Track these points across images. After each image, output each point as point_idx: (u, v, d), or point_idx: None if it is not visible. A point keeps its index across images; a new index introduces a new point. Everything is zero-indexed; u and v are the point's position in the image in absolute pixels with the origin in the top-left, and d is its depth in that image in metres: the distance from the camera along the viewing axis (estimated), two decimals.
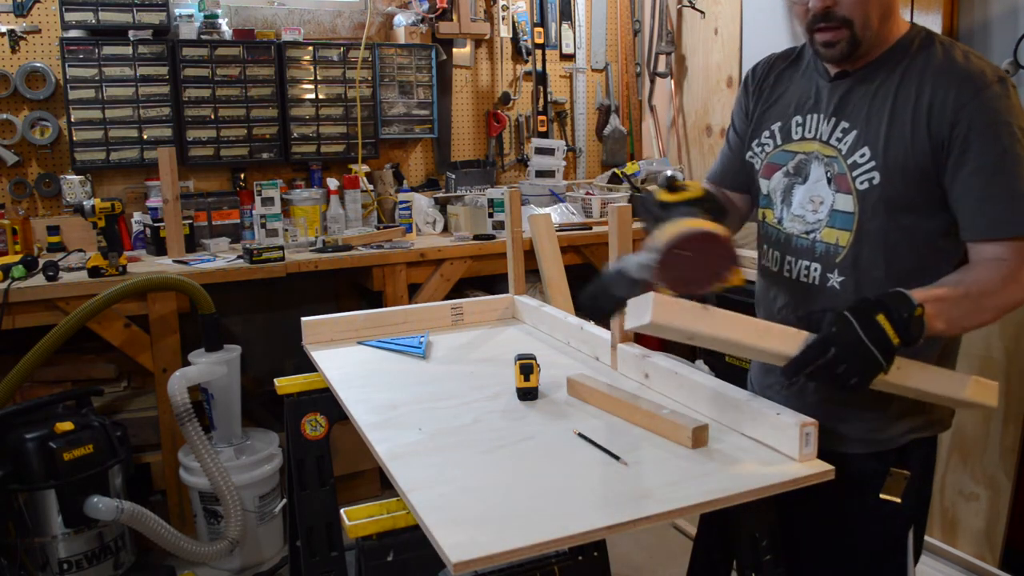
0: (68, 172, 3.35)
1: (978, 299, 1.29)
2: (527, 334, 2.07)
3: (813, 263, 1.48)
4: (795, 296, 1.52)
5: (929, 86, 1.35)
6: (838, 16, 1.36)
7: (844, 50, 1.38)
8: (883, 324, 1.20)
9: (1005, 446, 2.44)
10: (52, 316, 2.76)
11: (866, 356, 1.20)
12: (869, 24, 1.36)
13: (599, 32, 4.49)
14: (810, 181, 1.48)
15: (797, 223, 1.50)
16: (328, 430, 1.91)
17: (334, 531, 1.93)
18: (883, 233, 1.39)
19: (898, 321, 1.21)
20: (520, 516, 1.14)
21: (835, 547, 1.52)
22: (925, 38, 1.40)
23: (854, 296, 1.42)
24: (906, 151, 1.35)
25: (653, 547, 2.95)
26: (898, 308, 1.22)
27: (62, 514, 2.55)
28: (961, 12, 2.81)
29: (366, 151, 3.82)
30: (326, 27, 3.83)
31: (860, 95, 1.42)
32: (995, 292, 1.30)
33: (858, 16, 1.35)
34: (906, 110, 1.36)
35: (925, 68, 1.36)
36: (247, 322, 3.75)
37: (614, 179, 4.12)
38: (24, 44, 3.29)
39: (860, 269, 1.42)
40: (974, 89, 1.31)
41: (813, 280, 1.48)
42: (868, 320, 1.21)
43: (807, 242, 1.49)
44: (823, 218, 1.45)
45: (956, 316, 1.29)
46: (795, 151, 1.50)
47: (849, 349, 1.20)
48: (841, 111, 1.44)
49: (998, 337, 2.45)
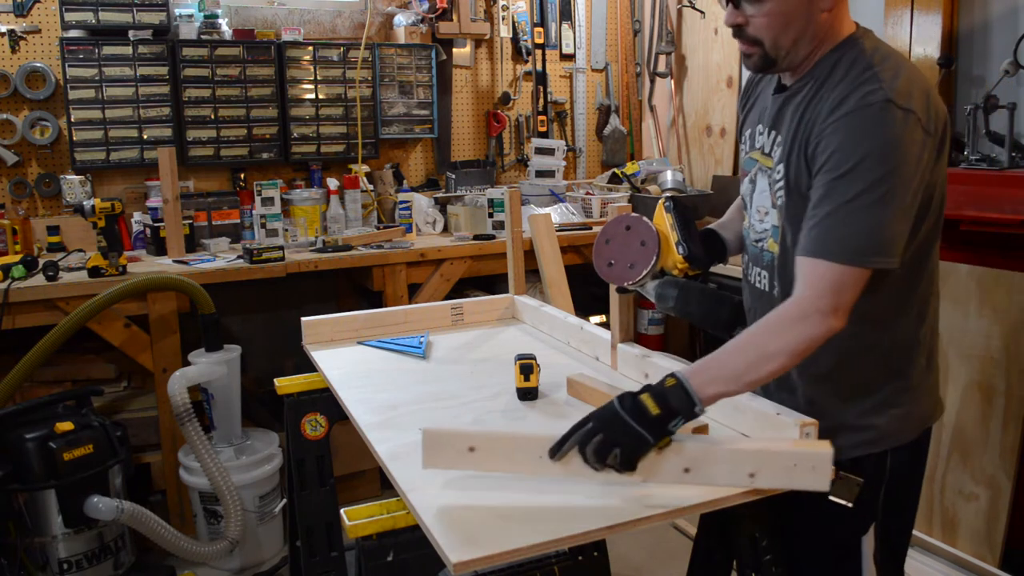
0: (68, 172, 3.35)
1: (762, 347, 1.25)
2: (527, 334, 2.07)
3: (763, 270, 1.51)
4: (756, 301, 1.54)
5: (824, 104, 1.33)
6: (748, 36, 1.38)
7: (758, 64, 1.41)
8: (643, 399, 1.23)
9: (1005, 446, 2.44)
10: (52, 316, 2.76)
11: (623, 427, 1.20)
12: (779, 45, 1.37)
13: (599, 32, 4.49)
14: (758, 191, 1.50)
15: (752, 232, 1.54)
16: (328, 430, 1.91)
17: (334, 531, 1.93)
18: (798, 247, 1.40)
19: (657, 395, 1.23)
20: (520, 516, 1.14)
21: (793, 547, 1.51)
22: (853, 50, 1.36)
23: None
24: (796, 170, 1.36)
25: (653, 547, 2.95)
26: (659, 384, 1.25)
27: (62, 514, 2.55)
28: (961, 12, 2.81)
29: (366, 151, 3.82)
30: (326, 27, 3.83)
31: (790, 110, 1.42)
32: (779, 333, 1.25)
33: (766, 37, 1.37)
34: (806, 126, 1.35)
35: (834, 83, 1.34)
36: (247, 322, 3.75)
37: (614, 179, 4.12)
38: (24, 44, 3.29)
39: (787, 281, 1.43)
40: (844, 110, 1.28)
41: (764, 287, 1.51)
42: (630, 397, 1.24)
43: (757, 250, 1.52)
44: (768, 228, 1.48)
45: (736, 372, 1.25)
46: (754, 159, 1.52)
47: (604, 421, 1.23)
48: (777, 125, 1.44)
49: (998, 337, 2.45)
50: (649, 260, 1.46)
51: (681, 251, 1.47)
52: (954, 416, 2.57)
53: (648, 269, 1.47)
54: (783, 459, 1.17)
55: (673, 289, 1.46)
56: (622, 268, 1.50)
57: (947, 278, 2.57)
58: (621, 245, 1.51)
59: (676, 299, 1.45)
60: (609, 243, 1.53)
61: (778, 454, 1.18)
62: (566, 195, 4.02)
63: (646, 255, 1.47)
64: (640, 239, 1.48)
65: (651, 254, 1.46)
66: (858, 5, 3.05)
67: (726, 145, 4.03)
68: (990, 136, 2.56)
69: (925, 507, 2.64)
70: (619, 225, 1.51)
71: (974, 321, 2.51)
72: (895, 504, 1.49)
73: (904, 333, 1.42)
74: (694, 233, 1.50)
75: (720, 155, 4.07)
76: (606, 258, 1.53)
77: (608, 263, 1.53)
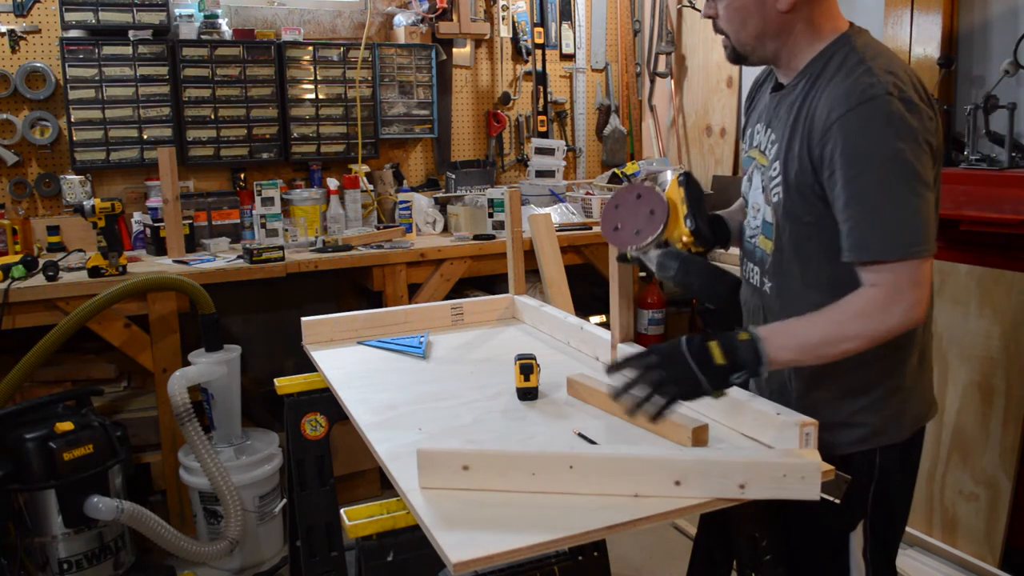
0: (68, 172, 3.35)
1: (841, 325, 1.27)
2: (527, 334, 2.07)
3: (755, 267, 1.54)
4: (750, 297, 1.57)
5: (820, 101, 1.34)
6: (719, 27, 1.47)
7: (730, 55, 1.48)
8: (711, 346, 1.26)
9: (1005, 446, 2.44)
10: (52, 316, 2.76)
11: (684, 367, 1.25)
12: (741, 39, 1.43)
13: (599, 32, 4.49)
14: (753, 188, 1.53)
15: (747, 228, 1.57)
16: (328, 430, 1.91)
17: (334, 531, 1.93)
18: (794, 245, 1.42)
19: (726, 346, 1.26)
20: (520, 516, 1.14)
21: (787, 542, 1.52)
22: (845, 47, 1.37)
23: (779, 302, 1.47)
24: (799, 167, 1.37)
25: (653, 547, 2.95)
26: (730, 335, 1.27)
27: (62, 514, 2.54)
28: (961, 12, 2.81)
29: (366, 151, 3.82)
30: (326, 27, 3.83)
31: (785, 108, 1.44)
32: (860, 317, 1.27)
33: (729, 31, 1.45)
34: (801, 124, 1.36)
35: (828, 80, 1.35)
36: (247, 322, 3.75)
37: (614, 179, 4.12)
38: (24, 44, 3.29)
39: (782, 277, 1.46)
40: (847, 106, 1.28)
41: (756, 283, 1.53)
42: (698, 340, 1.27)
43: (751, 246, 1.55)
44: (759, 225, 1.50)
45: (810, 344, 1.28)
46: (753, 157, 1.55)
47: (666, 357, 1.27)
48: (773, 123, 1.46)
49: (998, 337, 2.45)
50: (656, 228, 1.46)
51: (689, 224, 1.46)
52: (954, 416, 2.57)
53: (653, 237, 1.46)
54: (773, 470, 1.18)
55: (675, 261, 1.46)
56: (628, 234, 1.50)
57: (947, 278, 2.57)
58: (630, 212, 1.50)
59: (677, 270, 1.45)
60: (619, 208, 1.52)
61: (768, 465, 1.18)
62: (566, 195, 4.02)
63: (654, 223, 1.47)
64: (650, 208, 1.48)
65: (659, 223, 1.46)
66: (858, 5, 3.06)
67: (726, 145, 4.03)
68: (990, 136, 2.55)
69: (925, 507, 2.64)
70: (631, 192, 1.51)
71: (974, 321, 2.51)
72: (885, 502, 1.49)
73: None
74: (704, 211, 1.50)
75: (720, 155, 4.08)
76: (613, 222, 1.53)
77: (614, 227, 1.52)
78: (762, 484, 1.18)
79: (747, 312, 1.60)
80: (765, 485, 1.18)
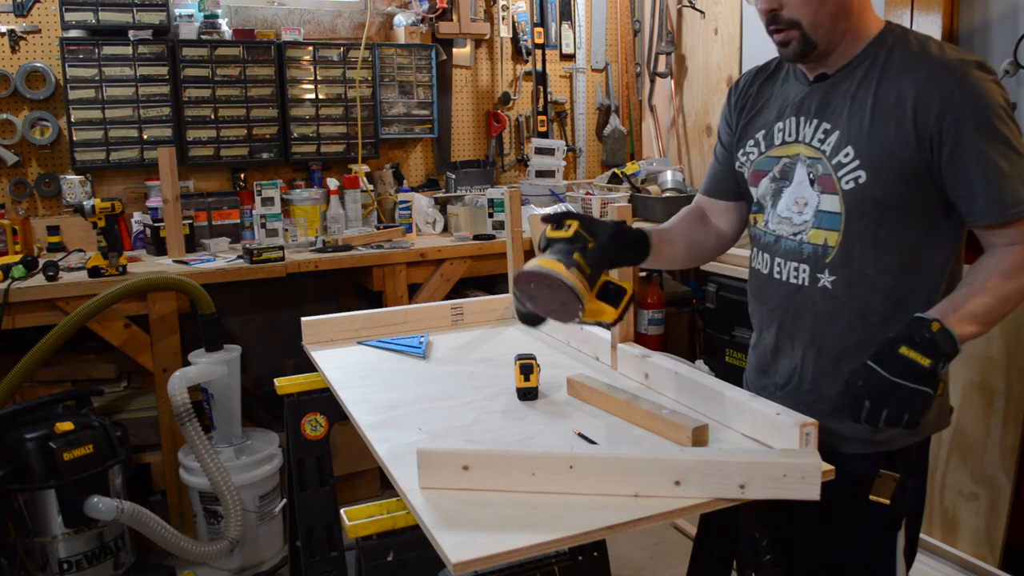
0: (68, 172, 3.35)
1: (999, 288, 1.30)
2: (527, 334, 2.07)
3: (801, 264, 1.49)
4: (786, 297, 1.52)
5: (910, 81, 1.35)
6: (784, 19, 1.39)
7: (797, 49, 1.41)
8: (907, 354, 1.22)
9: (1005, 446, 2.44)
10: (52, 316, 2.76)
11: (901, 392, 1.21)
12: (819, 23, 1.38)
13: (599, 32, 4.49)
14: (794, 183, 1.49)
15: (784, 225, 1.51)
16: (328, 430, 1.91)
17: (334, 531, 1.93)
18: (871, 231, 1.40)
19: (922, 344, 1.22)
20: (520, 516, 1.14)
21: (827, 547, 1.52)
22: (900, 35, 1.41)
23: (847, 295, 1.43)
24: (891, 148, 1.36)
25: (653, 547, 2.95)
26: (917, 332, 1.24)
27: (62, 514, 2.55)
28: (961, 12, 2.81)
29: (366, 151, 3.82)
30: (326, 27, 3.83)
31: (840, 96, 1.43)
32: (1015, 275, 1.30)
33: (805, 17, 1.37)
34: (887, 107, 1.36)
35: (903, 64, 1.37)
36: (247, 322, 3.75)
37: (614, 179, 4.11)
38: (24, 44, 3.29)
39: (851, 268, 1.43)
40: (956, 78, 1.31)
41: (803, 281, 1.49)
42: (890, 357, 1.23)
43: (794, 244, 1.49)
44: (809, 219, 1.47)
45: (984, 312, 1.29)
46: (779, 156, 1.51)
47: (880, 394, 1.23)
48: (823, 113, 1.45)
49: (998, 337, 2.45)
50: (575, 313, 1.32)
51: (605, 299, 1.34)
52: (954, 416, 2.56)
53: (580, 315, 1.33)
54: (773, 470, 1.18)
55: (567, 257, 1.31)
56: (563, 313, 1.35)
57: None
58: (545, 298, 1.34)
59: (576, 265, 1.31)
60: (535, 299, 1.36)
61: (768, 465, 1.18)
62: (566, 195, 4.02)
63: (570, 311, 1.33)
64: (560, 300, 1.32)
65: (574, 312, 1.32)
66: None
67: None
68: None
69: (925, 507, 2.64)
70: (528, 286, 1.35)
71: None
72: (916, 501, 1.52)
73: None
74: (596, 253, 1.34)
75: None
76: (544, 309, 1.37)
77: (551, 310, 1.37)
78: (762, 484, 1.18)
79: (780, 314, 1.53)
80: (765, 485, 1.18)
